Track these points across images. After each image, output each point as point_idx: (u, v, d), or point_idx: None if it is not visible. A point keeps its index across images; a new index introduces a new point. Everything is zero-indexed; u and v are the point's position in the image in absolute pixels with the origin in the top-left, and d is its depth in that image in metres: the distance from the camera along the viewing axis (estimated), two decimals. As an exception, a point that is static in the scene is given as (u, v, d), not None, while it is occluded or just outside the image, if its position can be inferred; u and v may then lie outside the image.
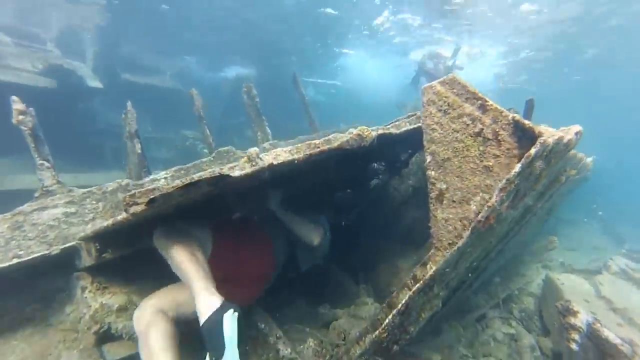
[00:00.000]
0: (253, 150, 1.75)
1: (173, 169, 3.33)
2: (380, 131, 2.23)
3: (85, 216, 2.83)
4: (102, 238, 1.82)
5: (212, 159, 3.61)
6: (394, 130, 2.26)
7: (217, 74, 12.67)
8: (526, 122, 1.53)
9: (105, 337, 2.22)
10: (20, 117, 2.69)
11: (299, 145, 2.07)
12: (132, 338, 2.19)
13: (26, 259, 2.18)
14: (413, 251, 3.46)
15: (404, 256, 3.56)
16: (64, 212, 2.75)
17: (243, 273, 2.16)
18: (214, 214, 2.15)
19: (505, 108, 4.31)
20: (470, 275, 2.49)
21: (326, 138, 2.19)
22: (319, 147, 1.81)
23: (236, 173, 1.56)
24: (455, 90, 1.81)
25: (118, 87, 8.87)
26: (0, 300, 2.37)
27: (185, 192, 1.42)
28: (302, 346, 2.47)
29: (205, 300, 1.61)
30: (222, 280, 1.89)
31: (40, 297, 2.49)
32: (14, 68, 5.84)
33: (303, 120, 5.17)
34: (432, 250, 1.86)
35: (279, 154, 1.83)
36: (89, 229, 1.90)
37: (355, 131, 1.83)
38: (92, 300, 2.28)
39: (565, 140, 1.45)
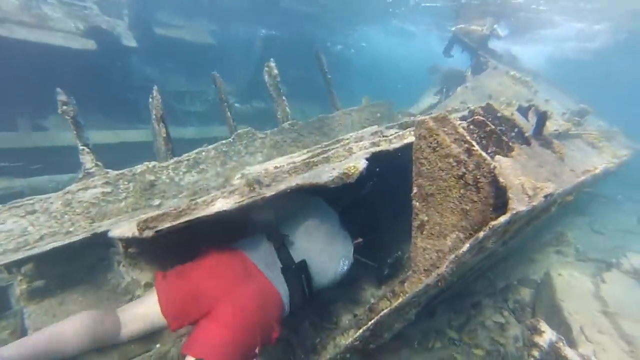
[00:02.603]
0: (252, 177, 1.95)
1: (195, 151, 3.60)
2: (377, 148, 2.33)
3: (119, 195, 3.24)
4: (126, 241, 2.16)
5: (231, 140, 3.84)
6: (385, 147, 2.33)
7: (246, 34, 12.50)
8: (501, 179, 1.60)
9: (137, 304, 2.71)
10: (64, 107, 3.00)
11: (298, 163, 2.24)
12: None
13: (75, 239, 2.60)
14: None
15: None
16: (102, 191, 3.16)
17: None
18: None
19: (526, 104, 4.12)
20: (456, 280, 2.69)
21: (325, 155, 2.33)
22: (309, 181, 1.93)
23: (228, 206, 1.77)
24: (445, 130, 1.87)
25: (153, 42, 9.05)
26: (62, 266, 2.88)
27: (187, 225, 1.69)
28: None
29: None
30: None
31: (88, 264, 2.99)
32: (59, 30, 6.19)
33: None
34: (409, 272, 2.07)
35: (276, 178, 2.01)
36: (115, 231, 2.23)
37: (341, 171, 1.93)
38: (125, 273, 2.74)
39: (527, 208, 1.53)
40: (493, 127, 2.31)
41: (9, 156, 5.42)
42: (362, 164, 1.95)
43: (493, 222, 1.48)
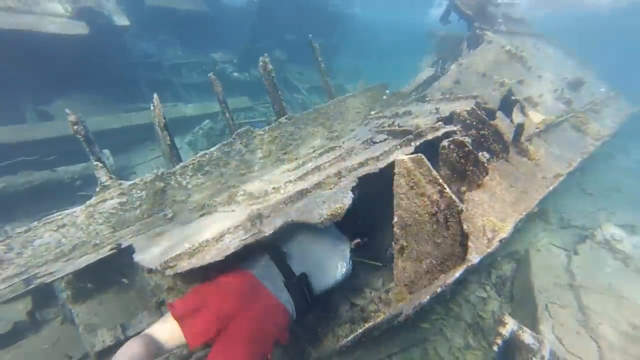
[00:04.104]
0: (254, 212, 2.24)
1: (199, 155, 3.85)
2: (364, 170, 2.58)
3: (134, 203, 3.57)
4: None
5: (232, 140, 4.06)
6: (373, 168, 2.53)
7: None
8: (465, 226, 1.89)
9: (162, 304, 3.17)
10: (75, 127, 3.22)
11: (291, 192, 2.51)
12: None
13: (102, 256, 2.98)
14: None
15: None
16: (118, 202, 3.48)
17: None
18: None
19: (517, 84, 4.29)
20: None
21: (317, 182, 2.59)
22: (303, 218, 2.21)
23: (234, 246, 2.10)
24: (421, 171, 2.12)
25: (144, 14, 8.79)
26: (96, 273, 3.28)
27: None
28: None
29: None
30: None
31: (117, 268, 3.42)
32: (47, 13, 6.09)
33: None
34: (392, 284, 2.44)
35: (274, 209, 2.31)
36: (139, 257, 2.56)
37: (330, 212, 2.18)
38: (149, 278, 3.16)
39: (480, 257, 1.85)
40: (471, 148, 2.54)
41: (22, 148, 5.66)
42: (347, 200, 2.22)
43: (448, 279, 1.80)
